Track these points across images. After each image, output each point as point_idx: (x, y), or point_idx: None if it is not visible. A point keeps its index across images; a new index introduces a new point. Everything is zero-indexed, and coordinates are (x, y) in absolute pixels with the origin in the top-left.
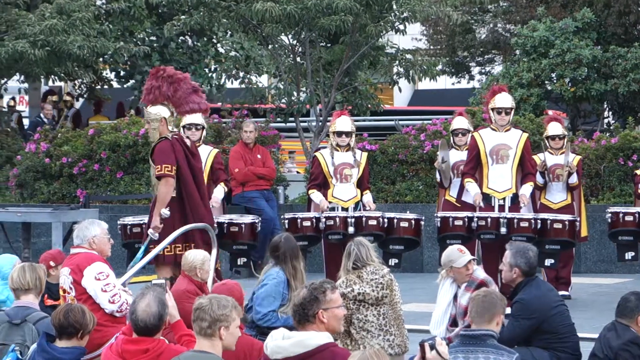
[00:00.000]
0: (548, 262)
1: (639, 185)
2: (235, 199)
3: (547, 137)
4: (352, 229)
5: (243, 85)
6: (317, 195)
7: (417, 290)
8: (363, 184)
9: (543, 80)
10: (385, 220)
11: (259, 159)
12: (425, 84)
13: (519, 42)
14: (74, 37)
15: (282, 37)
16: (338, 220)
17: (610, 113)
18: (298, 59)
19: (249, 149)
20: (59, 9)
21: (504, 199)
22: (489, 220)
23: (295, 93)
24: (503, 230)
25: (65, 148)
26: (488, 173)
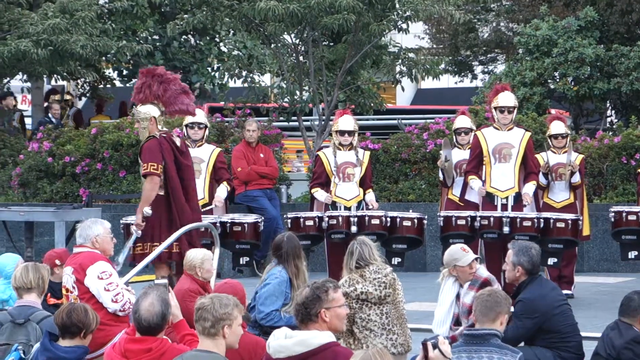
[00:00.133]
0: (551, 261)
1: None
2: (238, 198)
3: (549, 136)
4: (354, 228)
5: (246, 85)
6: (320, 194)
7: (419, 290)
8: (366, 183)
9: (546, 79)
10: (388, 220)
11: (262, 158)
12: (428, 83)
13: (522, 40)
14: (77, 36)
15: (284, 36)
16: (341, 220)
17: (613, 112)
18: (301, 58)
19: (252, 148)
20: (62, 8)
21: (507, 198)
22: (492, 220)
23: (298, 92)
24: (506, 230)
25: (68, 147)
26: (491, 172)
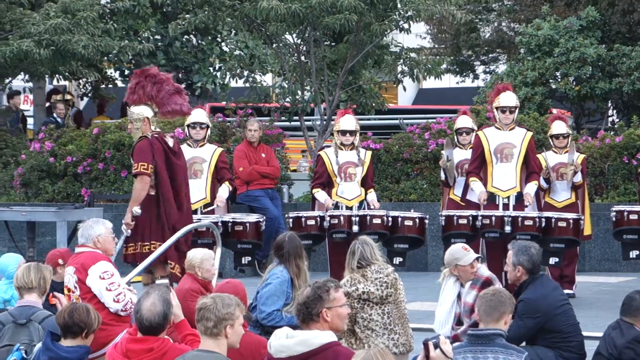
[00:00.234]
0: (552, 260)
1: None
2: (240, 198)
3: (551, 135)
4: (356, 228)
5: (247, 84)
6: (321, 195)
7: (421, 289)
8: (367, 183)
9: (547, 79)
10: (390, 219)
11: (264, 158)
12: (430, 83)
13: (524, 40)
14: (79, 36)
15: (286, 35)
16: (342, 219)
17: (615, 112)
18: (302, 58)
19: (254, 148)
20: (64, 8)
21: (509, 198)
22: (494, 219)
23: (300, 92)
24: (507, 229)
25: (70, 147)
26: (492, 172)
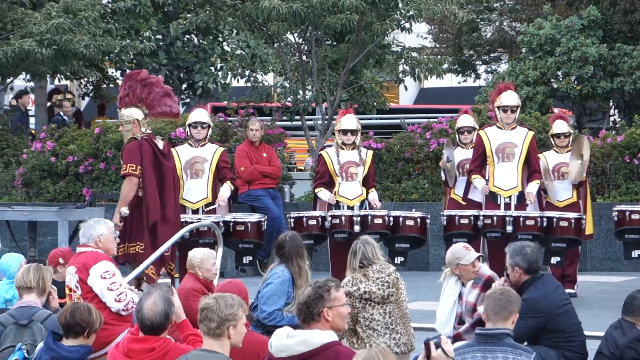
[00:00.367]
0: (554, 260)
1: None
2: (241, 198)
3: (552, 135)
4: (357, 228)
5: (249, 84)
6: (324, 193)
7: (423, 289)
8: (369, 183)
9: (549, 78)
10: (391, 219)
11: (265, 158)
12: (431, 82)
13: (525, 40)
14: (80, 36)
15: (288, 35)
16: (344, 219)
17: (616, 111)
18: (304, 58)
19: (255, 148)
20: (65, 8)
21: (510, 197)
22: (495, 219)
23: (301, 91)
24: (509, 229)
25: (71, 147)
26: (494, 171)
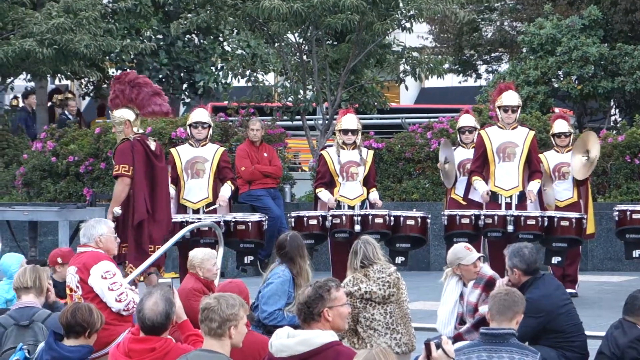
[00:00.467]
0: (555, 259)
1: None
2: (242, 197)
3: (553, 134)
4: (358, 227)
5: (249, 84)
6: (324, 194)
7: (423, 289)
8: (369, 182)
9: (550, 78)
10: (392, 219)
11: (266, 157)
12: (432, 82)
13: (526, 40)
14: (81, 35)
15: (288, 35)
16: (344, 219)
17: (617, 111)
18: (304, 57)
19: (256, 147)
20: (66, 8)
21: (511, 197)
22: (496, 218)
23: (302, 91)
24: (510, 228)
25: (72, 147)
26: (495, 171)
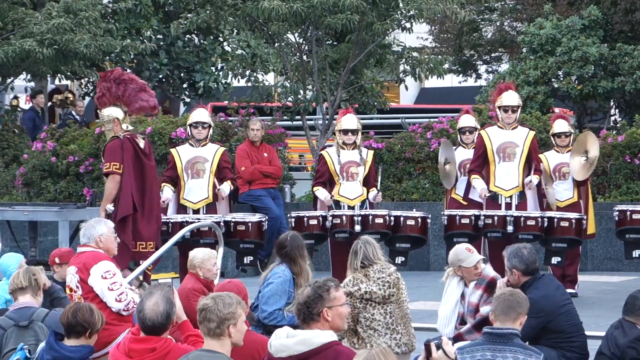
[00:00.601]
0: (555, 260)
1: None
2: (242, 198)
3: (553, 134)
4: (358, 227)
5: (249, 84)
6: (321, 192)
7: (423, 289)
8: (369, 182)
9: (550, 78)
10: (392, 219)
11: (266, 157)
12: (432, 82)
13: (526, 40)
14: (81, 35)
15: (288, 35)
16: (345, 219)
17: (617, 111)
18: (304, 57)
19: (256, 147)
20: (66, 8)
21: (511, 197)
22: (496, 219)
23: (302, 91)
24: (510, 229)
25: (72, 147)
26: (495, 171)
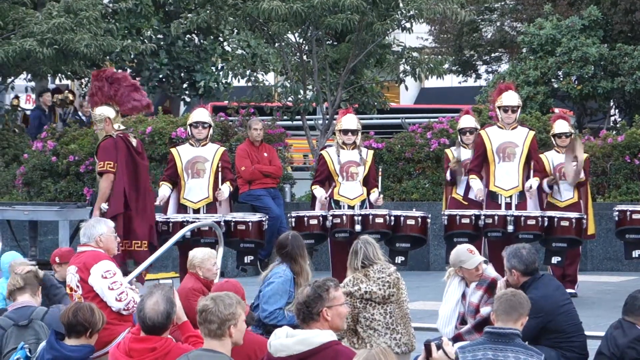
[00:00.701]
0: (555, 260)
1: None
2: (242, 197)
3: (553, 135)
4: (359, 227)
5: (250, 84)
6: (318, 191)
7: (423, 289)
8: (370, 182)
9: (550, 78)
10: (392, 218)
11: (266, 157)
12: (432, 82)
13: (526, 40)
14: (82, 35)
15: (288, 35)
16: (345, 218)
17: (617, 111)
18: (305, 57)
19: (256, 147)
20: (66, 8)
21: (511, 197)
22: (496, 218)
23: (302, 91)
24: (510, 228)
25: (72, 146)
26: (495, 171)
